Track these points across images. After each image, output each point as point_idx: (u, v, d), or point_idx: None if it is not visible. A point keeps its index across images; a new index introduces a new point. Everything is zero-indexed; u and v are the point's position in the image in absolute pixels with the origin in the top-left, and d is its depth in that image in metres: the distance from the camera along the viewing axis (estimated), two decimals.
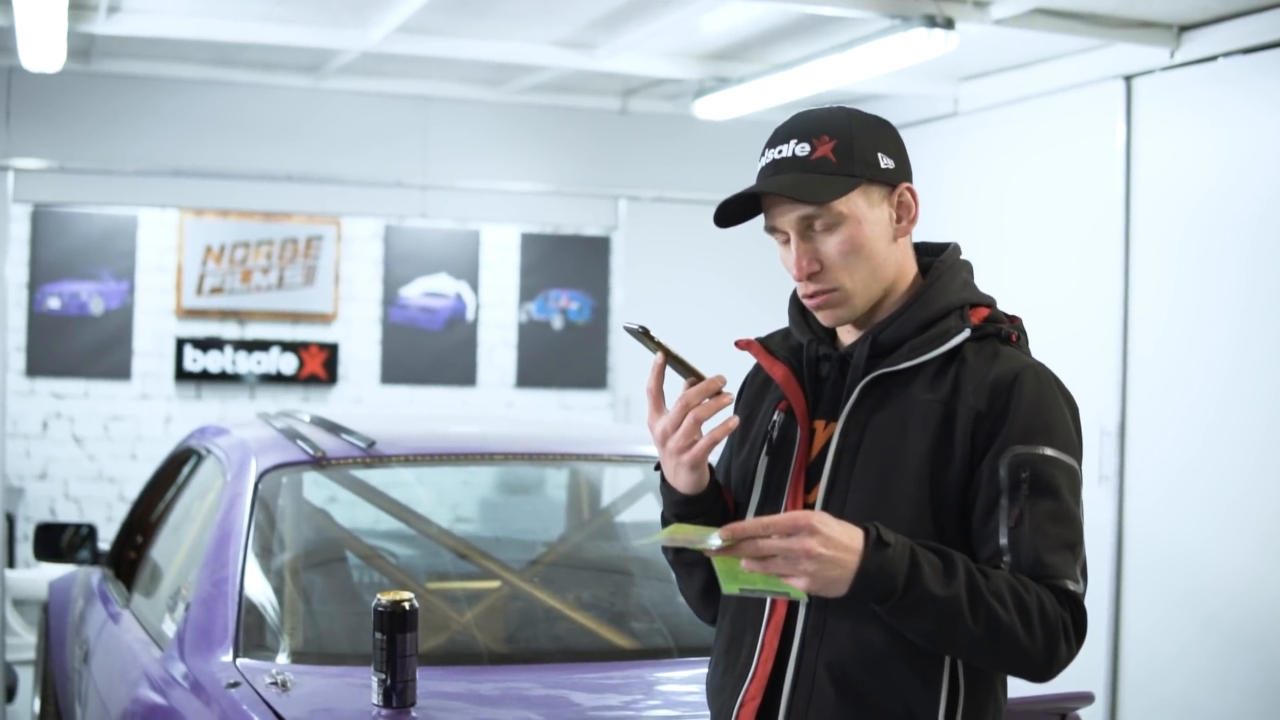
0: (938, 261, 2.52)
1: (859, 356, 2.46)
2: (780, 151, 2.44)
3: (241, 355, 10.48)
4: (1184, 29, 6.73)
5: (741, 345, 2.62)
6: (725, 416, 2.46)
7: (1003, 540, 2.28)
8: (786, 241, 2.44)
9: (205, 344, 10.36)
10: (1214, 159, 6.68)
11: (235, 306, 10.46)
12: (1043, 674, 2.30)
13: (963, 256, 2.58)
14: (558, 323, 10.95)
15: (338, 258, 10.52)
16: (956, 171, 8.32)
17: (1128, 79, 7.15)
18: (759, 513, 2.48)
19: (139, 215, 10.24)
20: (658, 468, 2.51)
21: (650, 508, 4.82)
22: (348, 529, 4.70)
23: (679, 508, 2.48)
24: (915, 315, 2.45)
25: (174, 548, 4.79)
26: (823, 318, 2.47)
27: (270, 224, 10.42)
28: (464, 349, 10.82)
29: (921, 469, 2.34)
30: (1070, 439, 2.37)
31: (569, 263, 10.94)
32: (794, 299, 2.59)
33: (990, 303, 2.52)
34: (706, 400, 2.35)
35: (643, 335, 2.33)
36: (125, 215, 10.21)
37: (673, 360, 2.37)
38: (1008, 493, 2.29)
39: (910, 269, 2.52)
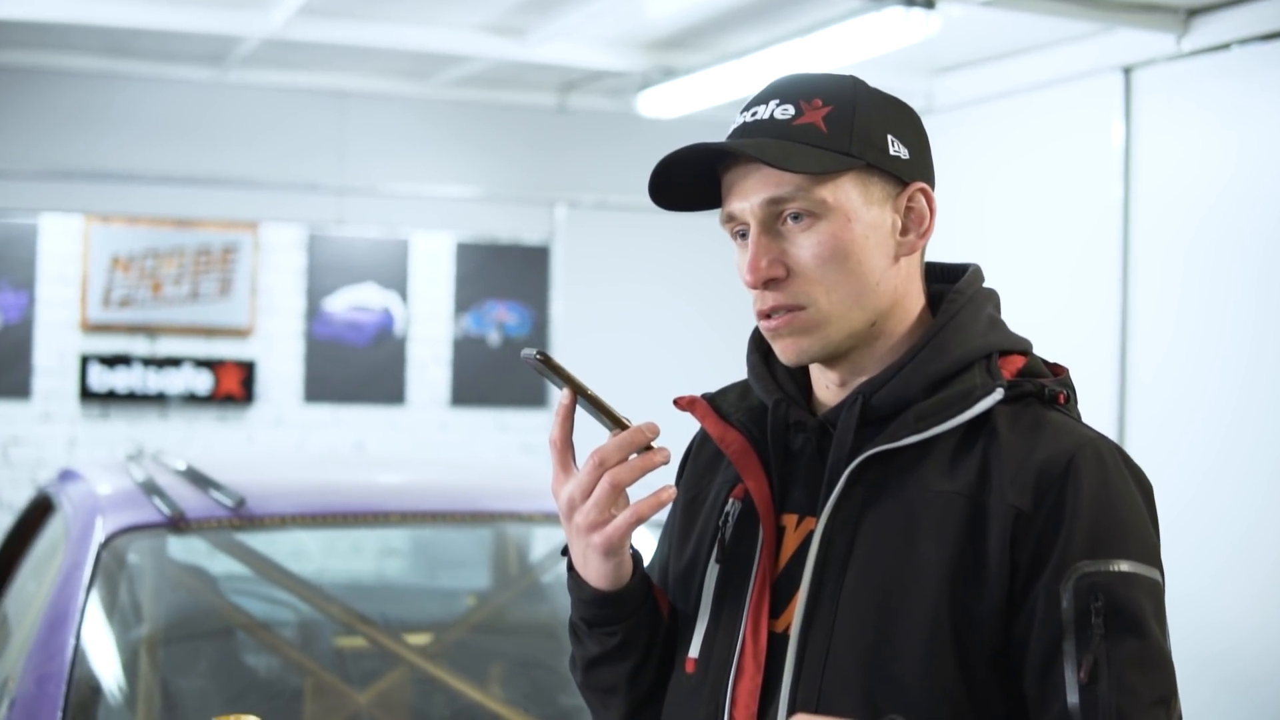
0: (953, 291, 2.06)
1: (846, 425, 2.00)
2: (755, 114, 2.01)
3: (152, 373, 10.12)
4: (1193, 12, 6.51)
5: (683, 405, 2.17)
6: (660, 482, 2.03)
7: (1071, 700, 1.84)
8: (745, 235, 2.01)
9: (112, 360, 9.96)
10: (1223, 160, 6.52)
11: (145, 320, 10.08)
12: None
13: (986, 284, 2.11)
14: (494, 338, 10.66)
15: (255, 267, 10.18)
16: None
17: (1127, 70, 6.97)
18: (707, 643, 2.05)
19: (39, 222, 9.89)
20: (565, 552, 2.09)
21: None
22: (212, 608, 4.31)
23: (591, 610, 2.08)
24: (924, 368, 1.99)
25: (16, 620, 4.36)
26: (781, 350, 2.03)
27: (183, 231, 10.06)
28: (393, 366, 10.52)
29: (939, 592, 1.88)
30: (1150, 541, 1.93)
31: (506, 273, 10.70)
32: (754, 342, 2.19)
33: (1026, 348, 2.06)
34: (632, 457, 1.94)
35: (542, 364, 1.92)
36: (24, 221, 9.86)
37: (586, 400, 1.94)
38: (1075, 632, 1.85)
39: (916, 301, 2.06)
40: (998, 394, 1.94)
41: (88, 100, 8.96)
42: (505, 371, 10.57)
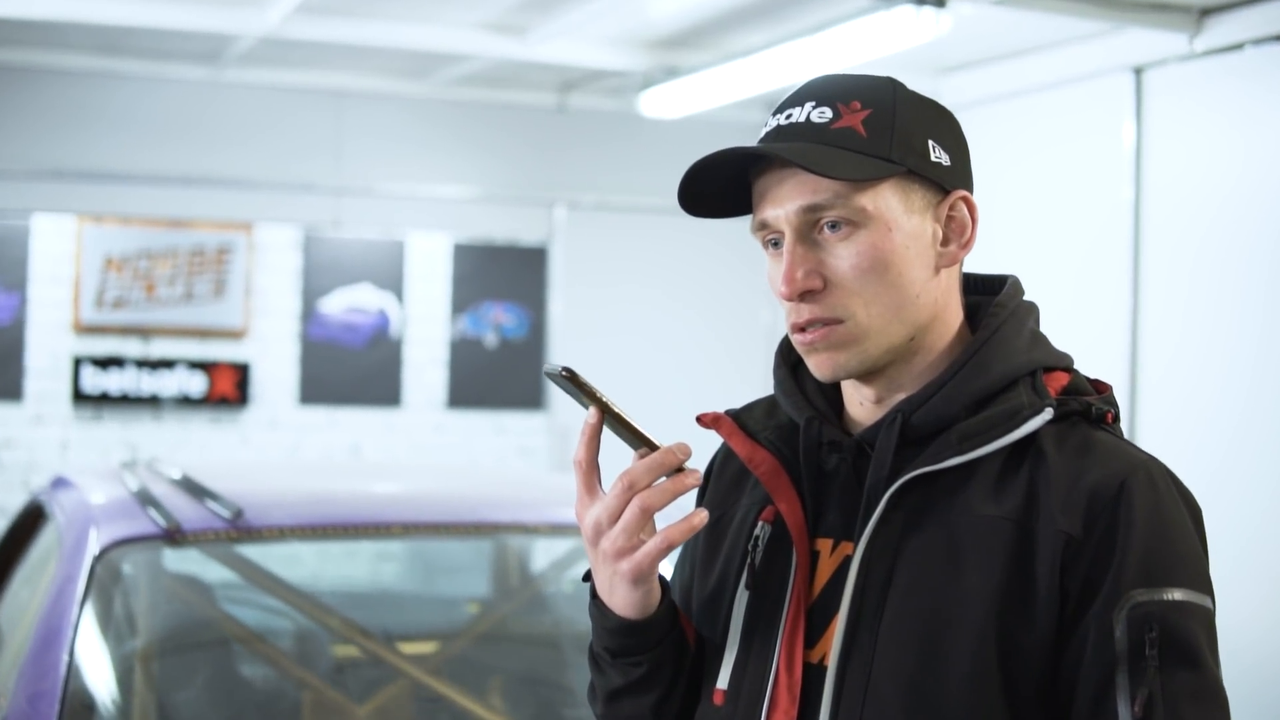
0: (994, 304, 2.00)
1: (885, 445, 1.92)
2: (789, 116, 1.95)
3: (145, 375, 10.15)
4: (1205, 12, 6.50)
5: (706, 422, 2.09)
6: (691, 507, 1.98)
7: None
8: (778, 244, 1.94)
9: (105, 362, 9.96)
10: (1234, 162, 6.54)
11: (138, 321, 10.11)
12: None
13: (1026, 297, 2.05)
14: (491, 339, 10.71)
15: (249, 268, 10.23)
16: None
17: (1138, 71, 6.99)
18: (737, 674, 1.99)
19: (31, 222, 9.93)
20: (587, 577, 2.01)
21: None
22: (209, 621, 4.25)
23: (616, 639, 2.00)
24: (967, 385, 1.93)
25: (8, 633, 4.34)
26: (816, 365, 1.95)
27: (176, 231, 10.08)
28: (389, 367, 10.59)
29: (985, 621, 1.82)
30: (1202, 568, 1.87)
31: (503, 274, 10.76)
32: (782, 355, 2.10)
33: (1068, 364, 2.01)
34: (662, 480, 1.88)
35: (568, 381, 1.86)
36: (16, 222, 9.88)
37: (613, 420, 1.89)
38: (1128, 663, 1.79)
39: (955, 314, 2.00)
40: (1047, 413, 1.89)
41: (81, 99, 8.95)
42: (502, 373, 10.60)
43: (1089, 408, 1.93)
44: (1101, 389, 2.01)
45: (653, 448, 1.89)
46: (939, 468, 1.89)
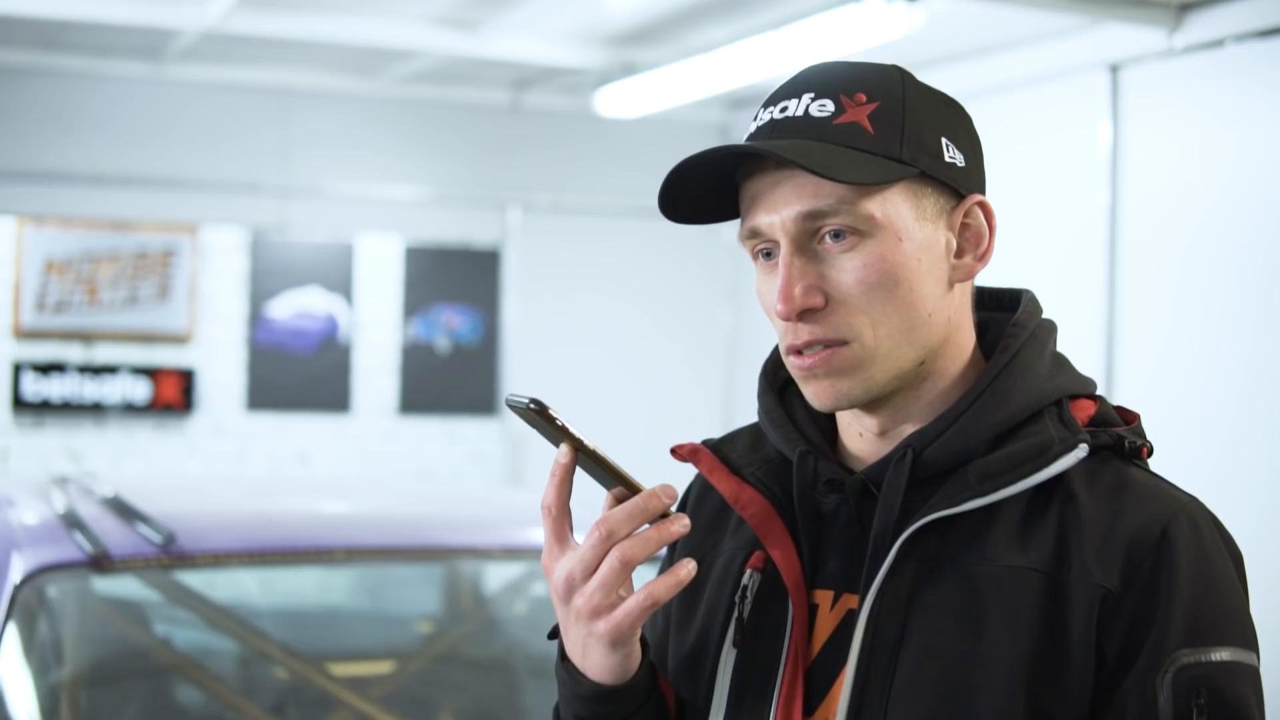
0: (1012, 324, 1.87)
1: (893, 485, 1.79)
2: (785, 109, 1.80)
3: (88, 381, 10.19)
4: (1185, 6, 6.48)
5: (683, 455, 1.95)
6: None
7: None
8: (771, 255, 1.81)
9: (46, 368, 9.89)
10: (1218, 164, 6.53)
11: (80, 326, 10.16)
12: None
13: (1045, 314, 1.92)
14: (444, 344, 10.78)
15: (194, 271, 10.32)
16: None
17: (1114, 68, 6.98)
18: None
19: None
20: (554, 635, 1.86)
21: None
22: (142, 649, 4.16)
23: (589, 707, 1.84)
24: (985, 416, 1.79)
25: None
26: (815, 393, 1.80)
27: (119, 234, 10.10)
28: (338, 373, 10.66)
29: (1012, 687, 1.69)
30: (1249, 623, 1.78)
31: (456, 277, 10.71)
32: (768, 378, 1.96)
33: (1092, 391, 1.88)
34: (646, 529, 1.73)
35: (537, 415, 1.70)
36: None
37: (588, 458, 1.73)
38: None
39: (968, 335, 1.87)
40: (1081, 450, 1.75)
41: (15, 97, 8.92)
42: (455, 379, 10.67)
43: (1121, 441, 1.80)
44: (1130, 419, 1.89)
45: (633, 490, 1.73)
46: (956, 511, 1.74)
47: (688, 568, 1.74)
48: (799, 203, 1.74)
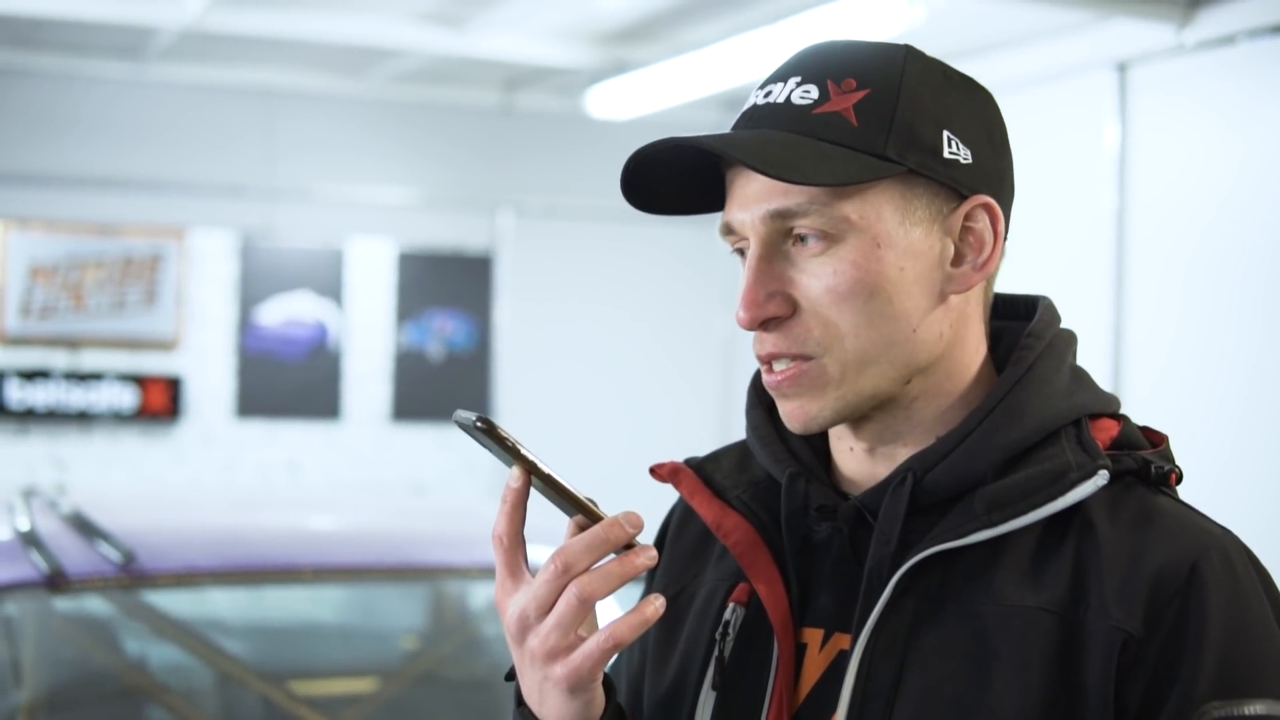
0: (1026, 335, 1.75)
1: (891, 514, 1.68)
2: (769, 94, 1.69)
3: (74, 388, 10.23)
4: (1195, 2, 6.51)
5: (663, 475, 1.85)
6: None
7: None
8: (745, 253, 1.75)
9: (32, 375, 9.89)
10: (1227, 164, 6.53)
11: (66, 333, 10.09)
12: None
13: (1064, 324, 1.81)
14: (437, 351, 10.80)
15: (181, 276, 10.34)
16: None
17: (1122, 66, 6.99)
18: None
19: None
20: (511, 676, 1.74)
21: None
22: (104, 670, 4.15)
23: None
24: (994, 438, 1.68)
25: None
26: (786, 415, 1.72)
27: (105, 239, 10.08)
28: (328, 380, 10.65)
29: None
30: None
31: (448, 282, 10.76)
32: (755, 392, 1.86)
33: (1115, 409, 1.75)
34: (608, 561, 1.62)
35: (485, 434, 1.59)
36: None
37: (542, 481, 1.61)
38: None
39: (975, 349, 1.75)
40: (1102, 476, 1.63)
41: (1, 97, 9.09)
42: (448, 386, 10.70)
43: (1147, 466, 1.69)
44: (1157, 440, 1.76)
45: (594, 518, 1.61)
46: (961, 544, 1.64)
47: (655, 604, 1.63)
48: (768, 200, 1.65)
